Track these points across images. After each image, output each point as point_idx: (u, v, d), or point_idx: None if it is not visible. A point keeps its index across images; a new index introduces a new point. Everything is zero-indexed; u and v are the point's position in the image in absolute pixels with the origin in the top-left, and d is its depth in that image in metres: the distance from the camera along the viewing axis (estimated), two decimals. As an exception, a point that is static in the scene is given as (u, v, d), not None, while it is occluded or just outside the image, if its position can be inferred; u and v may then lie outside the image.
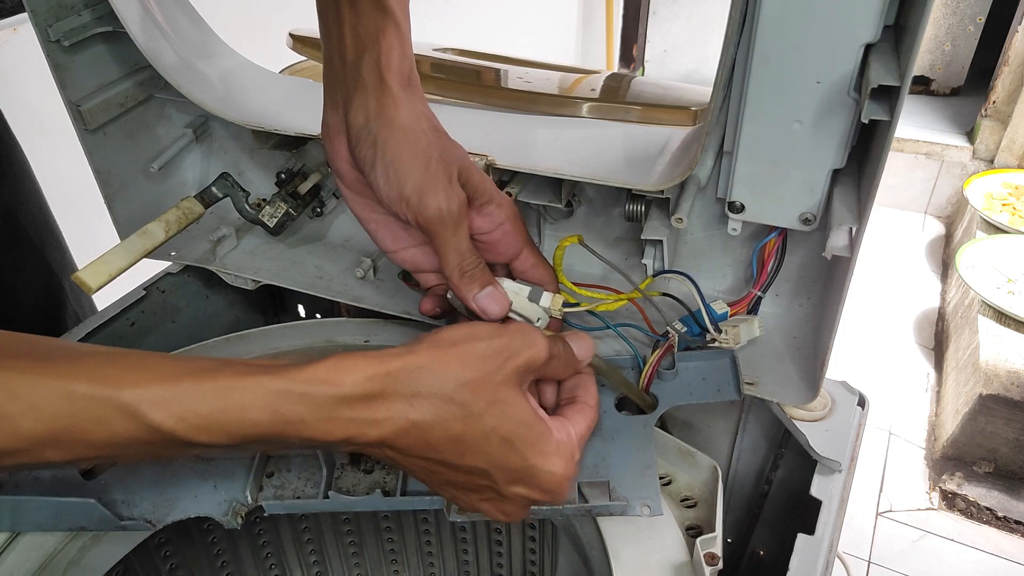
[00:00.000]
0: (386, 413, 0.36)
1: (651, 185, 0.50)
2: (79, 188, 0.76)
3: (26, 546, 0.51)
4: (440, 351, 0.38)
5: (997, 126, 2.32)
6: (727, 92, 0.46)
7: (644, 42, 3.12)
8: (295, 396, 0.35)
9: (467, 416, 0.38)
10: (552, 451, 0.40)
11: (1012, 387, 1.48)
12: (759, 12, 0.40)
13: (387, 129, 0.45)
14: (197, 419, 0.33)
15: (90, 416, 0.32)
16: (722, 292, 0.59)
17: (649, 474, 0.47)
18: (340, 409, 0.36)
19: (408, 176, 0.44)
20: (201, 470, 0.52)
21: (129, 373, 0.33)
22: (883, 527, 1.51)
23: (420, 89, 0.48)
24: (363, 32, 0.46)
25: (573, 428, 0.43)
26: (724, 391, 0.52)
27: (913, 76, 1.91)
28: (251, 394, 0.34)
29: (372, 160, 0.45)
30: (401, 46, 0.47)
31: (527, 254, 0.50)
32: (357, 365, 0.36)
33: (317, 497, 0.51)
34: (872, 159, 0.43)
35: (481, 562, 0.77)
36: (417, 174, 0.44)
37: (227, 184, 0.64)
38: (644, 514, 0.46)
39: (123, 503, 0.50)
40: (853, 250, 0.43)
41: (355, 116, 0.46)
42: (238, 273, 0.66)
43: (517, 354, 0.40)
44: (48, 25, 0.56)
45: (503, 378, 0.39)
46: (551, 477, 0.40)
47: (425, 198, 0.44)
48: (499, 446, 0.39)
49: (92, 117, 0.61)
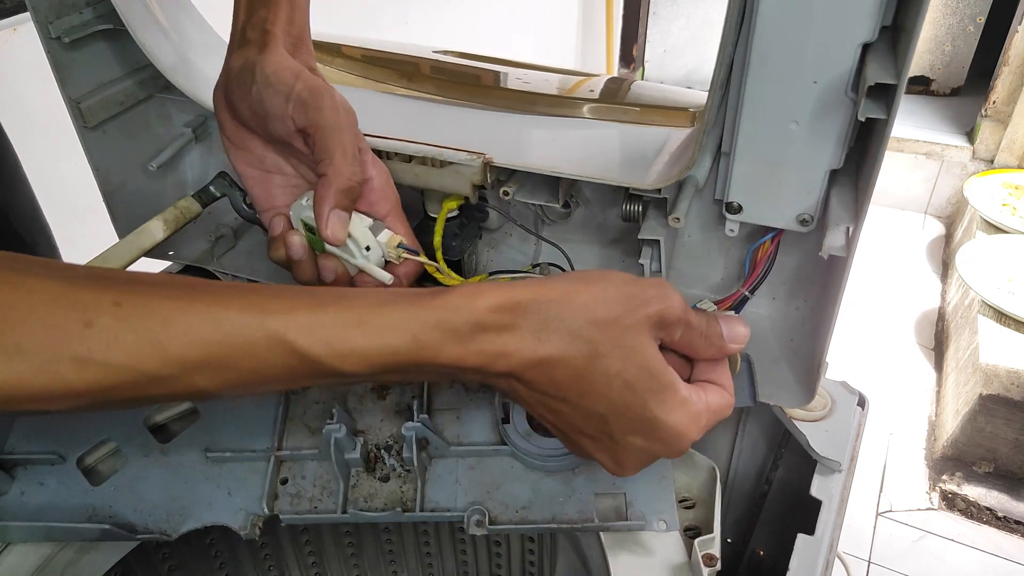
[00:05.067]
0: (516, 344, 0.36)
1: (648, 185, 0.49)
2: (74, 189, 0.76)
3: (24, 548, 0.51)
4: (572, 287, 0.37)
5: (997, 126, 2.32)
6: (725, 92, 0.45)
7: (644, 42, 3.12)
8: (432, 322, 0.35)
9: (592, 355, 0.36)
10: (676, 405, 0.38)
11: (1012, 387, 1.48)
12: (756, 12, 0.40)
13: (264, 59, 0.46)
14: (342, 345, 0.34)
15: (240, 342, 0.33)
16: (718, 292, 0.59)
17: (665, 484, 0.47)
18: (473, 337, 0.35)
19: (295, 80, 0.46)
20: (214, 475, 0.52)
21: (275, 301, 0.34)
22: (883, 527, 1.51)
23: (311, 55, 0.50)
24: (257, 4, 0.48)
25: (707, 396, 0.40)
26: (739, 397, 0.52)
27: (913, 76, 1.91)
28: (392, 320, 0.35)
29: (250, 83, 0.46)
30: (290, 10, 0.48)
31: (394, 219, 0.51)
32: (491, 293, 0.36)
33: (335, 511, 0.50)
34: (869, 158, 0.43)
35: (480, 563, 0.77)
36: (304, 79, 0.46)
37: (225, 184, 0.64)
38: (660, 529, 0.45)
39: (135, 512, 0.50)
40: (850, 250, 0.43)
41: (234, 63, 0.47)
42: (235, 273, 0.66)
43: (649, 303, 0.38)
44: (49, 22, 0.57)
45: (634, 322, 0.37)
46: (670, 431, 0.38)
47: (316, 96, 0.45)
48: (621, 390, 0.37)
49: (92, 115, 0.61)
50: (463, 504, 0.47)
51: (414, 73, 0.80)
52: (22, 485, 0.51)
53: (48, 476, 0.51)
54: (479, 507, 0.47)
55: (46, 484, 0.51)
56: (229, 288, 0.35)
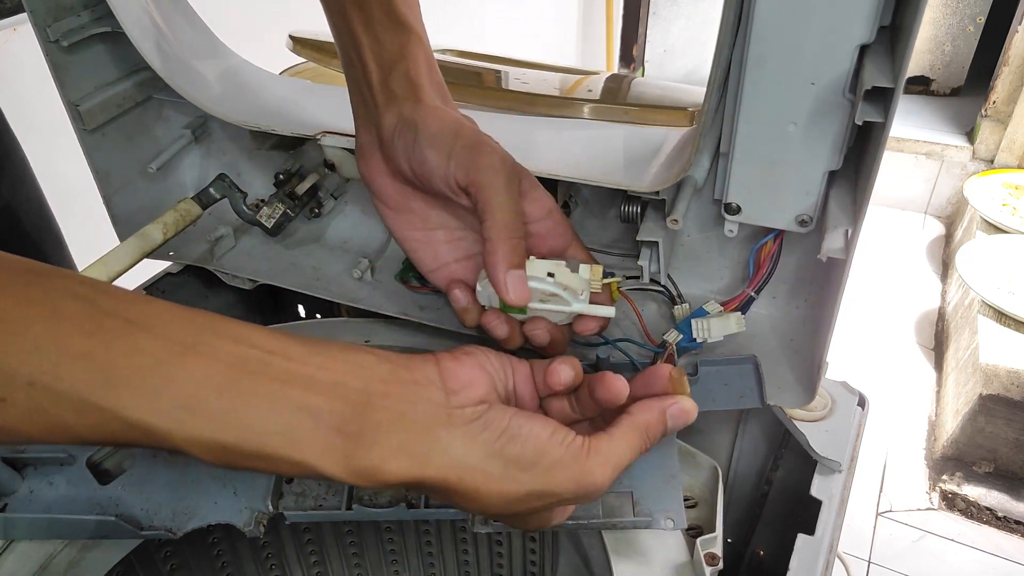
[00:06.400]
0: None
1: (646, 187, 0.50)
2: (78, 187, 0.76)
3: (26, 546, 0.51)
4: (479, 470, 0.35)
5: (997, 126, 2.32)
6: (722, 94, 0.46)
7: (644, 42, 3.12)
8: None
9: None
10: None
11: (1012, 387, 1.48)
12: (753, 13, 0.40)
13: (423, 114, 0.45)
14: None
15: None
16: (718, 293, 0.59)
17: (673, 484, 0.46)
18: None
19: (455, 138, 0.44)
20: (221, 475, 0.52)
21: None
22: (883, 527, 1.51)
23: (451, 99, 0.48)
24: (385, 54, 0.46)
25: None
26: (747, 398, 0.51)
27: (913, 76, 1.91)
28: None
29: (412, 142, 0.45)
30: (427, 58, 0.47)
31: (576, 248, 0.48)
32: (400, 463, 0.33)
33: (340, 508, 0.50)
34: (867, 161, 0.43)
35: (482, 563, 0.77)
36: (465, 136, 0.44)
37: (224, 185, 0.64)
38: (668, 527, 0.45)
39: (142, 511, 0.50)
40: (849, 252, 0.43)
41: (388, 121, 0.46)
42: (236, 273, 0.66)
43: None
44: (47, 25, 0.57)
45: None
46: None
47: (475, 154, 0.44)
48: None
49: (91, 117, 0.61)
50: None
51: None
52: (31, 484, 0.51)
53: (57, 475, 0.52)
54: None
55: (55, 483, 0.51)
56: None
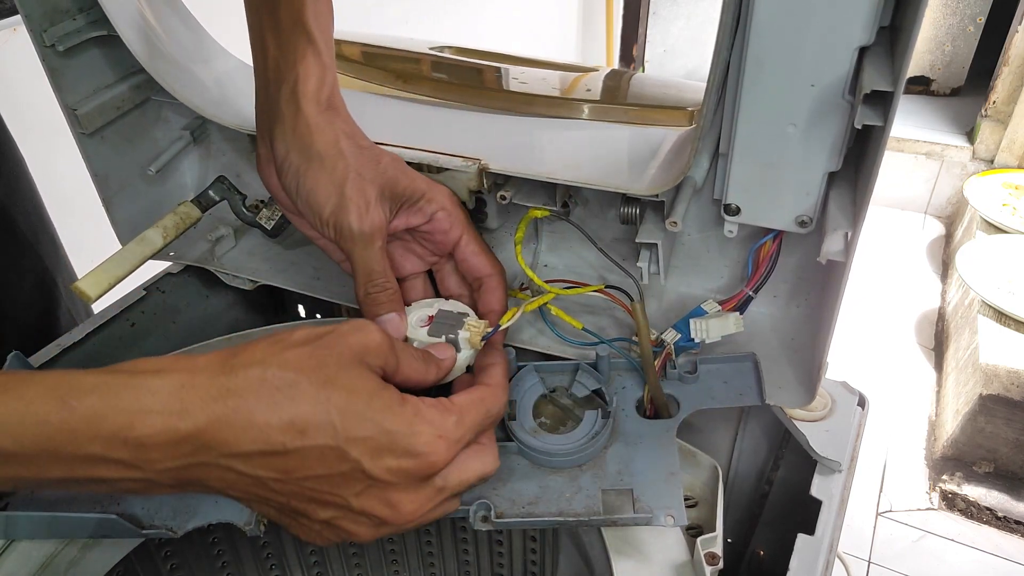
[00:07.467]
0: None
1: (644, 190, 0.49)
2: (76, 188, 0.76)
3: (27, 546, 0.51)
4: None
5: (997, 126, 2.32)
6: (721, 95, 0.46)
7: (644, 42, 3.12)
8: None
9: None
10: (412, 415, 0.38)
11: (1012, 387, 1.48)
12: (752, 14, 0.40)
13: (304, 160, 0.48)
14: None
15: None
16: (717, 292, 0.59)
17: (673, 481, 0.46)
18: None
19: (325, 202, 0.47)
20: None
21: None
22: (883, 527, 1.51)
23: (343, 110, 0.51)
24: (283, 62, 0.49)
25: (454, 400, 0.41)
26: (746, 396, 0.51)
27: (913, 76, 1.91)
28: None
29: (295, 189, 0.49)
30: (320, 71, 0.49)
31: (466, 240, 0.52)
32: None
33: None
34: (867, 164, 0.43)
35: (482, 562, 0.77)
36: (333, 200, 0.47)
37: (224, 187, 0.64)
38: (668, 524, 0.45)
39: (143, 509, 0.50)
40: (848, 254, 0.43)
41: (278, 148, 0.49)
42: (236, 273, 0.66)
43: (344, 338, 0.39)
44: (43, 30, 0.56)
45: (337, 362, 0.38)
46: (415, 439, 0.38)
47: (339, 221, 0.47)
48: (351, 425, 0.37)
49: (89, 121, 0.61)
50: (468, 499, 0.47)
51: (412, 74, 0.81)
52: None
53: None
54: (484, 502, 0.47)
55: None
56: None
